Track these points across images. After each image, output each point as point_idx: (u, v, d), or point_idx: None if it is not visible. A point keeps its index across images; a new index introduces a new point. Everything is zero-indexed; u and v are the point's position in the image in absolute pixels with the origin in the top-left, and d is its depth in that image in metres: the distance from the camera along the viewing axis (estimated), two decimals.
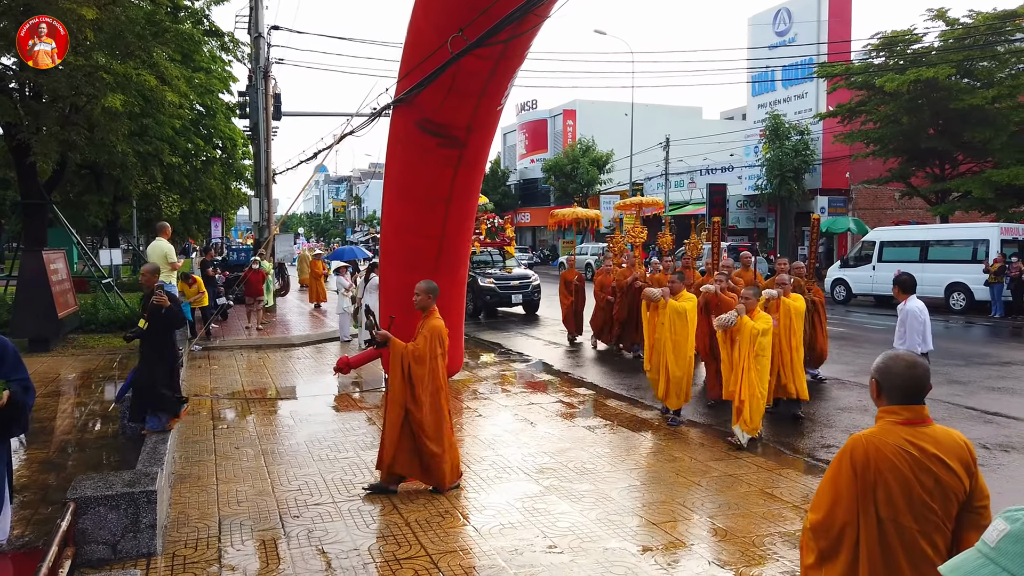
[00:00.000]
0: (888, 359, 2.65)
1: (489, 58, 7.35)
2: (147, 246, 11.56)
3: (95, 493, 4.64)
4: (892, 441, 2.53)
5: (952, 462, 2.51)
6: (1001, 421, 8.43)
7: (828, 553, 2.63)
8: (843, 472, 2.58)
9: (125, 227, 32.88)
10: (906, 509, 2.50)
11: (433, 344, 5.80)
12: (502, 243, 20.81)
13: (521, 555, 4.78)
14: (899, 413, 2.58)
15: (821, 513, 2.64)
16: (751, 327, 7.02)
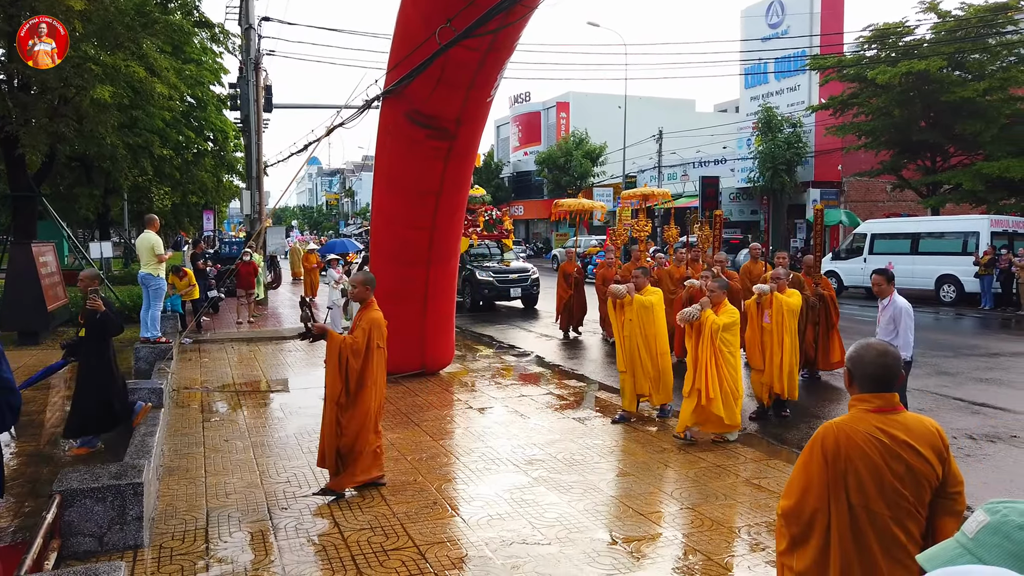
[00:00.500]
0: (860, 348, 2.68)
1: (478, 49, 7.33)
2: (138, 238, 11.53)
3: (81, 485, 4.63)
4: (863, 428, 2.56)
5: (923, 449, 2.53)
6: (988, 412, 8.48)
7: (799, 539, 2.66)
8: (814, 459, 2.61)
9: (116, 220, 32.70)
10: (877, 496, 2.52)
11: (371, 336, 5.61)
12: (500, 236, 20.48)
13: (509, 546, 4.80)
14: (870, 401, 2.61)
15: (792, 500, 2.67)
16: (712, 321, 6.87)
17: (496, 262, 19.30)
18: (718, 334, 6.85)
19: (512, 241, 21.28)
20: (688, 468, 6.37)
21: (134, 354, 10.21)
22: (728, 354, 6.93)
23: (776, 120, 31.38)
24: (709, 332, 6.86)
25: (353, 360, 5.54)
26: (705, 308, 6.96)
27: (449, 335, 10.53)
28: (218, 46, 24.22)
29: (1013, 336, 14.58)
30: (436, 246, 9.59)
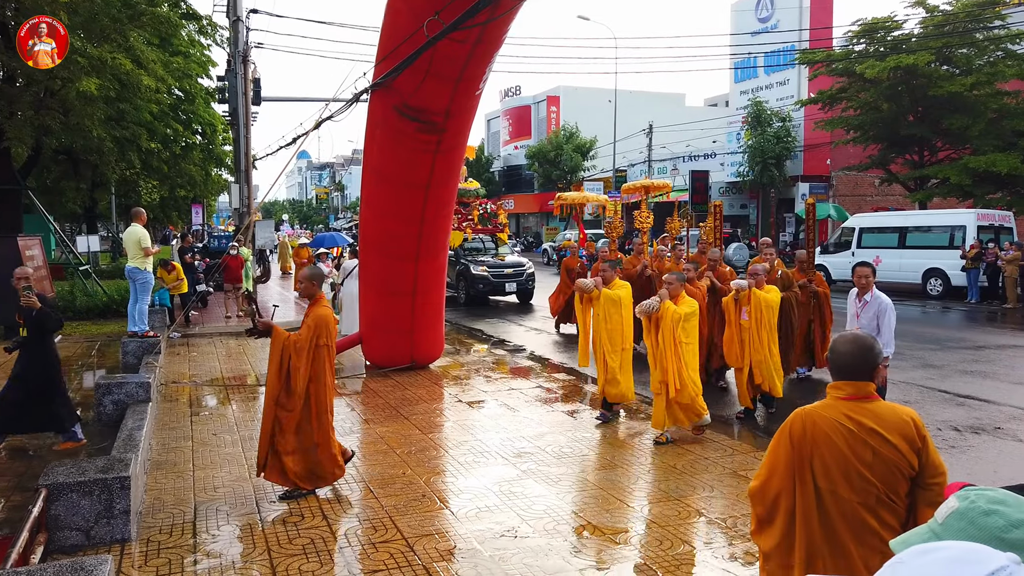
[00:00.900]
0: (836, 338, 2.77)
1: (466, 41, 7.31)
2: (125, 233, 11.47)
3: (68, 479, 4.62)
4: (830, 415, 2.63)
5: (892, 437, 2.56)
6: (973, 404, 8.56)
7: (765, 518, 2.76)
8: (782, 443, 2.70)
9: (103, 213, 32.49)
10: (843, 480, 2.58)
11: (317, 333, 5.45)
12: (494, 229, 20.09)
13: (497, 538, 4.82)
14: (842, 388, 2.68)
15: (759, 481, 2.77)
16: (672, 312, 6.72)
17: (490, 256, 18.98)
18: (679, 325, 6.71)
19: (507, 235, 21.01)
20: (676, 460, 6.41)
21: (121, 348, 10.16)
22: (686, 345, 6.80)
23: (765, 114, 31.49)
24: (670, 323, 6.73)
25: (295, 358, 5.35)
26: (664, 300, 6.82)
27: (439, 329, 10.53)
28: (206, 39, 24.03)
29: (998, 329, 14.70)
30: (425, 240, 9.58)
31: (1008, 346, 12.49)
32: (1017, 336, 13.70)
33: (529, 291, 18.74)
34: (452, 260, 18.32)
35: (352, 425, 7.62)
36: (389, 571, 4.35)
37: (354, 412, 8.17)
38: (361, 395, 9.05)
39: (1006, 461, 6.61)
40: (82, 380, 9.75)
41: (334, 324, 5.67)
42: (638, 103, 48.09)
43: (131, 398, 7.40)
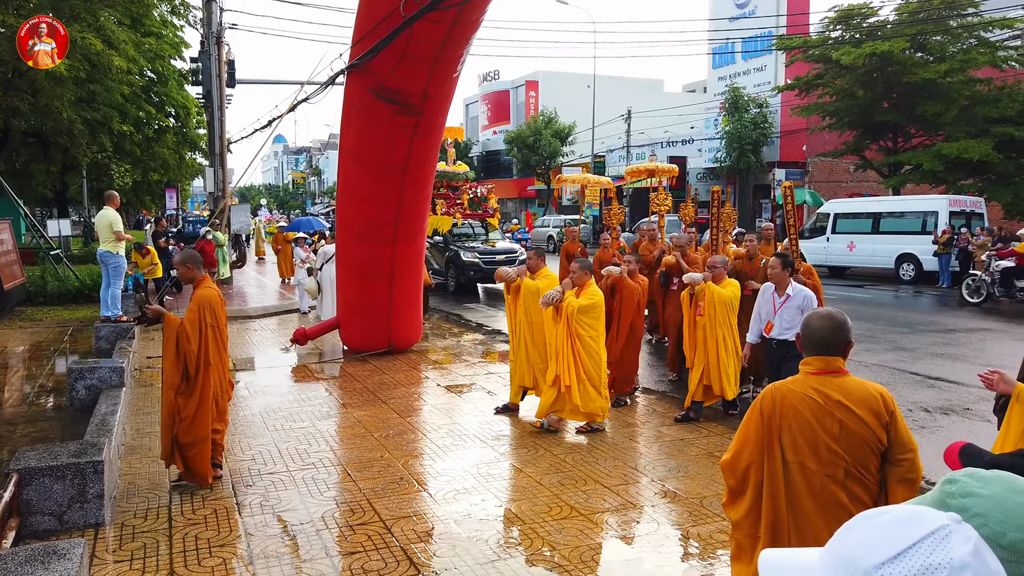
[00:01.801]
0: (809, 315, 2.84)
1: (443, 22, 7.25)
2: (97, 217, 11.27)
3: (39, 464, 4.56)
4: (798, 389, 2.70)
5: (859, 410, 2.62)
6: (943, 385, 8.72)
7: (736, 491, 2.84)
8: (752, 417, 2.77)
9: (75, 197, 31.93)
10: (810, 453, 2.64)
11: (203, 315, 5.29)
12: (484, 214, 19.30)
13: (475, 519, 4.84)
14: (812, 364, 2.75)
15: (731, 454, 2.86)
16: (568, 303, 6.44)
17: (480, 242, 18.26)
18: (575, 317, 6.41)
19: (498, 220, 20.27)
20: (653, 442, 6.47)
21: (94, 333, 10.02)
22: (588, 339, 6.50)
23: (743, 100, 31.63)
24: (566, 315, 6.45)
25: (186, 343, 5.21)
26: (567, 290, 6.54)
27: (416, 313, 10.50)
28: (179, 19, 23.65)
29: (969, 313, 14.96)
30: (403, 224, 9.53)
31: (978, 329, 12.71)
32: (986, 320, 13.96)
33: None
34: (441, 246, 18.01)
35: (330, 409, 7.59)
36: (367, 552, 4.35)
37: (332, 396, 8.14)
38: (339, 379, 9.02)
39: (974, 441, 6.73)
40: (54, 365, 9.61)
41: (220, 304, 5.47)
42: (617, 88, 48.07)
43: (104, 383, 7.30)
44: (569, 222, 34.04)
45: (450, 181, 18.72)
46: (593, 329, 6.56)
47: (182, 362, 5.24)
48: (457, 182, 18.79)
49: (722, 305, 6.93)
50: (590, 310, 6.50)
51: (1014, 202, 22.14)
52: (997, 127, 21.79)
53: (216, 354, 5.39)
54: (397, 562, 4.24)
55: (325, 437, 6.58)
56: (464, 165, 19.37)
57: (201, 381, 5.27)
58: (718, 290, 6.92)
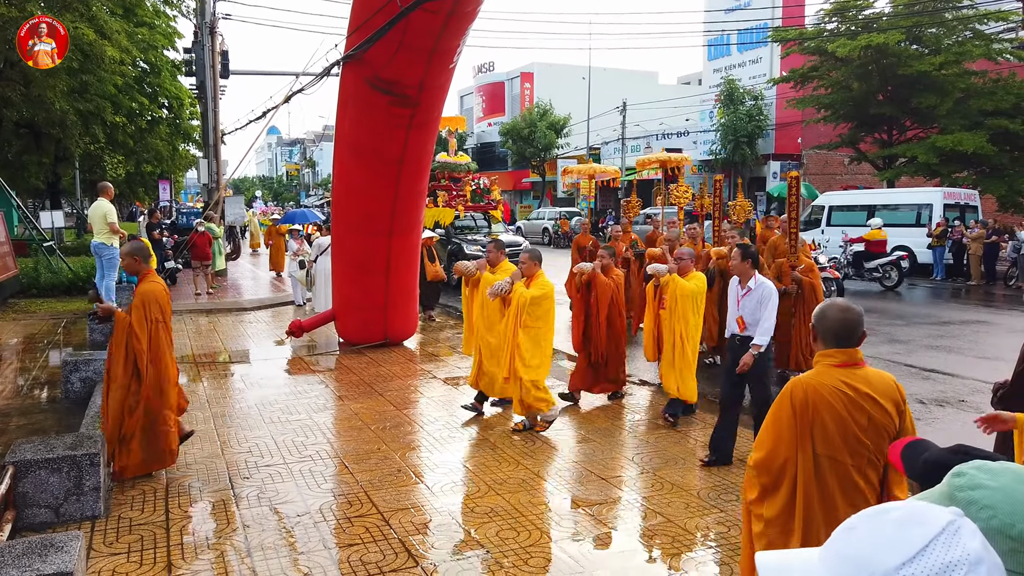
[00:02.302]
0: (823, 306, 2.85)
1: (439, 12, 7.21)
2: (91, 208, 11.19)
3: (35, 456, 4.54)
4: (828, 382, 2.72)
5: (884, 401, 2.71)
6: (938, 377, 8.75)
7: (770, 488, 2.84)
8: (783, 412, 2.78)
9: (67, 189, 31.72)
10: (842, 445, 2.70)
11: (149, 311, 5.24)
12: (487, 207, 18.51)
13: (473, 512, 4.84)
14: (834, 356, 2.77)
15: (764, 451, 2.84)
16: (519, 294, 6.27)
17: (483, 235, 17.73)
18: (525, 308, 6.24)
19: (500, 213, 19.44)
20: (648, 434, 6.47)
21: (88, 325, 9.97)
22: (535, 330, 6.33)
23: (738, 93, 31.59)
24: (515, 307, 6.28)
25: (135, 340, 5.17)
26: (516, 280, 6.37)
27: (412, 305, 10.48)
28: (171, 9, 23.48)
29: (963, 305, 15.02)
30: (399, 216, 9.50)
31: (972, 322, 12.76)
32: (980, 312, 14.02)
33: None
34: (443, 239, 17.67)
35: (326, 402, 7.58)
36: (365, 545, 4.35)
37: (328, 389, 8.12)
38: (335, 372, 9.00)
39: (969, 433, 6.75)
40: (48, 358, 9.56)
41: (165, 297, 5.42)
42: (612, 81, 47.97)
43: (99, 375, 7.26)
44: (564, 215, 34.00)
45: (451, 172, 18.07)
46: (542, 320, 6.42)
47: (132, 359, 5.19)
48: (459, 173, 18.14)
49: (684, 299, 6.56)
50: (542, 301, 6.36)
51: (1008, 195, 22.21)
52: (992, 120, 21.82)
53: (168, 348, 5.36)
54: (396, 554, 4.24)
55: (322, 429, 6.57)
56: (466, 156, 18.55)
57: (154, 373, 5.24)
58: (681, 283, 6.56)
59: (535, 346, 6.39)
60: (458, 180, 18.09)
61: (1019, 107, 22.10)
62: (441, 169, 17.40)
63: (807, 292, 7.96)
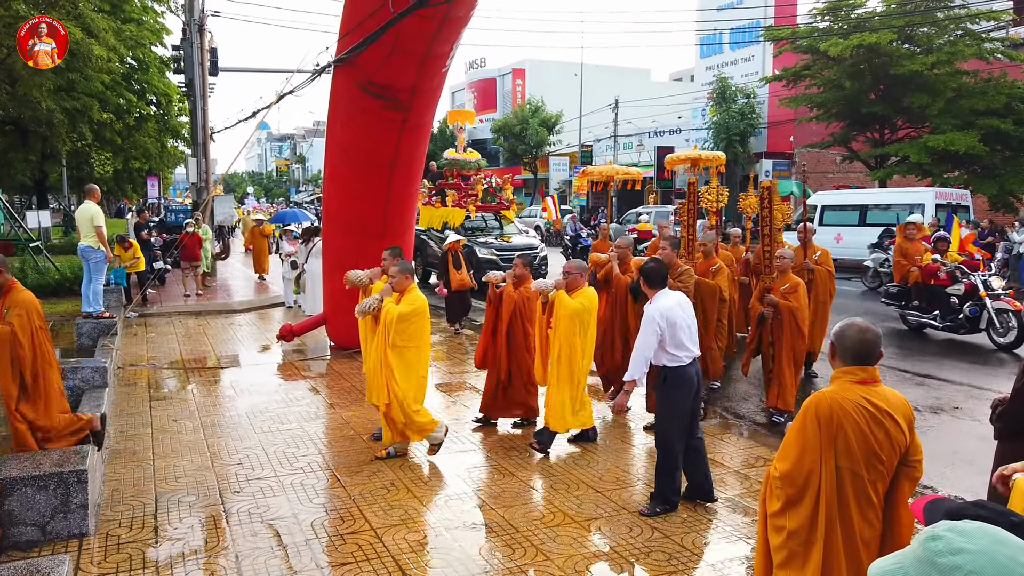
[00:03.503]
0: (843, 325, 2.95)
1: (432, 18, 7.11)
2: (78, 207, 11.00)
3: (21, 473, 4.44)
4: (851, 398, 2.83)
5: (899, 418, 2.84)
6: (932, 383, 8.74)
7: (794, 499, 2.90)
8: (808, 425, 2.86)
9: (55, 185, 31.42)
10: (861, 459, 2.80)
11: (31, 319, 5.18)
12: (499, 206, 17.26)
13: (467, 527, 4.77)
14: (855, 374, 2.88)
15: (789, 463, 2.91)
16: (386, 311, 5.75)
17: (494, 237, 16.59)
18: (392, 326, 5.71)
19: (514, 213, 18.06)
20: (643, 445, 6.42)
21: (76, 330, 9.85)
22: (406, 350, 5.81)
23: (730, 91, 31.57)
24: (383, 326, 5.77)
25: (20, 350, 5.08)
26: (386, 296, 5.89)
27: None
28: (160, 5, 23.29)
29: None
30: (390, 219, 9.40)
31: None
32: None
33: (541, 276, 16.15)
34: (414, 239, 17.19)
35: (317, 409, 7.49)
36: (358, 564, 4.28)
37: (319, 396, 8.04)
38: (326, 378, 8.91)
39: (964, 441, 6.75)
40: None
41: (36, 305, 5.33)
42: (604, 77, 47.90)
43: (87, 383, 7.15)
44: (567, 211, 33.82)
45: (461, 170, 16.87)
46: (415, 339, 5.85)
47: (17, 371, 5.11)
48: (468, 171, 16.97)
49: (566, 318, 5.90)
50: (411, 318, 5.77)
51: (999, 194, 22.26)
52: (983, 119, 21.86)
53: (51, 355, 5.34)
54: (389, 573, 4.17)
55: (313, 439, 6.49)
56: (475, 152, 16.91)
57: (44, 385, 5.21)
58: (564, 300, 5.95)
59: (407, 367, 5.80)
60: (467, 179, 16.91)
61: (1010, 107, 22.16)
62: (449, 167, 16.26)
63: (786, 319, 6.84)
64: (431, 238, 16.50)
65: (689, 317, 4.99)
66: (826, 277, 8.74)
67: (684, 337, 4.88)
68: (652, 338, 4.82)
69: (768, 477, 3.03)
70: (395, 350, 5.76)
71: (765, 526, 3.01)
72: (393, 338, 5.74)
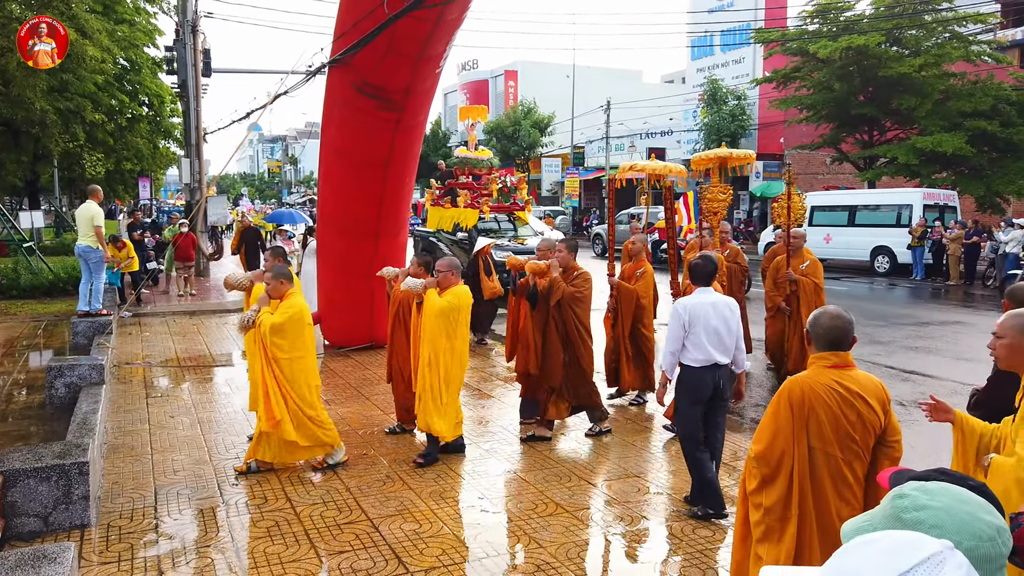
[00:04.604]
0: (817, 313, 3.10)
1: (427, 20, 7.23)
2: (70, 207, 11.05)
3: (24, 465, 4.52)
4: (823, 381, 2.97)
5: (871, 400, 2.97)
6: (918, 379, 8.90)
7: (769, 478, 3.05)
8: (782, 408, 3.01)
9: (46, 187, 31.37)
10: (833, 440, 2.94)
11: None
12: (514, 207, 16.12)
13: (462, 518, 4.88)
14: (827, 358, 3.02)
15: (763, 444, 3.06)
16: (262, 321, 5.46)
17: (508, 239, 15.77)
18: (267, 337, 5.40)
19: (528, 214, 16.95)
20: (635, 437, 6.54)
21: (71, 328, 9.90)
22: (287, 361, 5.47)
23: (721, 92, 31.77)
24: (259, 334, 5.47)
25: None
26: (264, 305, 5.57)
27: None
28: (152, 6, 23.31)
29: (942, 306, 15.25)
30: (385, 219, 9.51)
31: (950, 322, 12.96)
32: (959, 312, 14.24)
33: None
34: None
35: None
36: (355, 552, 4.38)
37: None
38: (321, 375, 8.97)
39: (948, 436, 6.88)
40: (31, 361, 9.49)
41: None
42: (596, 79, 48.08)
43: (84, 380, 7.23)
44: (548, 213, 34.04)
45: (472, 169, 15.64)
46: (297, 350, 5.50)
47: None
48: (480, 170, 15.77)
49: (431, 317, 5.66)
50: (285, 327, 5.43)
51: (986, 195, 22.53)
52: (970, 121, 22.12)
53: None
54: (386, 561, 4.27)
55: None
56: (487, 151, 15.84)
57: None
58: (431, 299, 5.70)
59: (292, 379, 5.49)
60: (478, 177, 15.72)
61: (997, 109, 22.43)
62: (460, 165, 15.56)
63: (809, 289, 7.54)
64: (441, 240, 16.08)
65: (721, 321, 4.74)
66: (811, 291, 8.20)
67: (704, 339, 4.71)
68: (677, 331, 4.75)
69: (747, 458, 3.19)
70: (277, 363, 5.44)
71: (745, 504, 3.17)
72: (272, 351, 5.41)
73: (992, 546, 1.17)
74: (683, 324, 4.74)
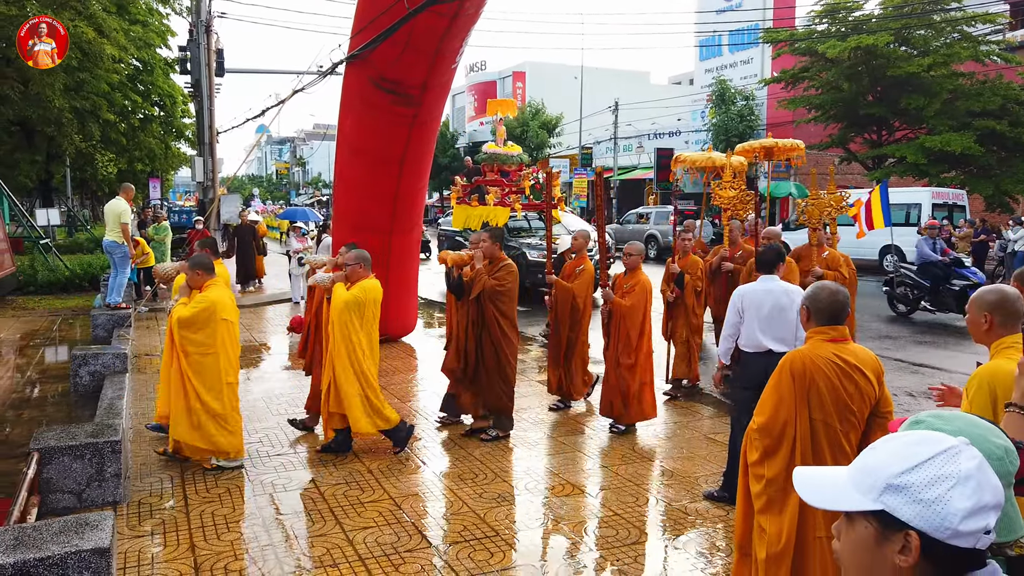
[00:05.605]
0: (815, 288, 3.19)
1: (446, 14, 7.37)
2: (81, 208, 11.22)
3: (59, 444, 4.67)
4: (823, 354, 3.07)
5: (868, 372, 3.07)
6: (926, 371, 8.99)
7: (771, 449, 3.11)
8: (783, 380, 3.09)
9: (58, 187, 31.64)
10: (833, 411, 3.03)
11: None
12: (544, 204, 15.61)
13: (481, 497, 5.01)
14: (826, 332, 3.13)
15: (766, 416, 3.13)
16: (172, 313, 5.37)
17: (538, 238, 15.16)
18: (177, 331, 5.26)
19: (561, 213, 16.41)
20: (649, 424, 6.65)
21: (92, 321, 10.07)
22: (197, 357, 5.27)
23: (729, 93, 31.85)
24: (170, 332, 5.36)
25: None
26: (184, 296, 5.45)
27: (412, 302, 10.64)
28: (164, 7, 23.55)
29: None
30: (399, 215, 9.65)
31: (959, 318, 13.02)
32: None
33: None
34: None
35: None
36: (379, 527, 4.51)
37: None
38: None
39: None
40: (53, 353, 9.67)
41: None
42: (603, 80, 48.19)
43: (108, 369, 7.40)
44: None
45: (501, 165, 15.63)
46: (205, 346, 5.27)
47: None
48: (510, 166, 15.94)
49: (336, 310, 5.58)
50: (195, 321, 5.24)
51: (995, 194, 22.54)
52: (979, 120, 22.14)
53: None
54: (409, 536, 4.40)
55: None
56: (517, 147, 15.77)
57: None
58: (337, 292, 5.62)
59: (200, 377, 5.28)
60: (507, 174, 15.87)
61: (1006, 108, 22.44)
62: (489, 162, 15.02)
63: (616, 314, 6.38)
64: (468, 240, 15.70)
65: (776, 309, 4.65)
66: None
67: (756, 326, 4.68)
68: (732, 316, 4.81)
69: (748, 431, 3.24)
70: (187, 357, 5.24)
71: (747, 476, 3.21)
72: (182, 344, 5.23)
73: (1000, 464, 1.29)
74: (738, 310, 4.79)
